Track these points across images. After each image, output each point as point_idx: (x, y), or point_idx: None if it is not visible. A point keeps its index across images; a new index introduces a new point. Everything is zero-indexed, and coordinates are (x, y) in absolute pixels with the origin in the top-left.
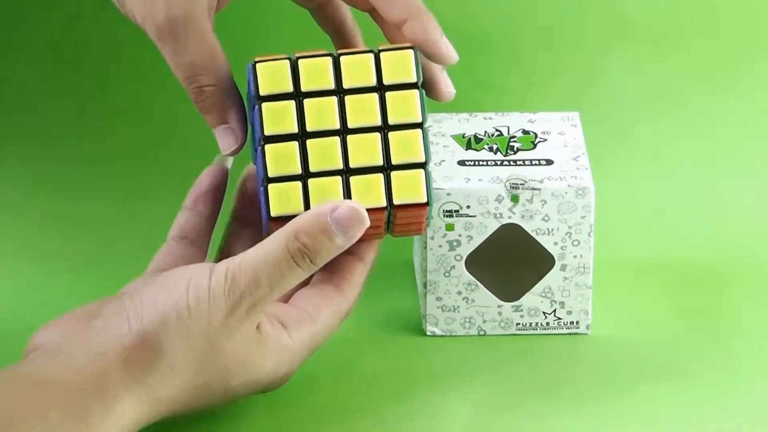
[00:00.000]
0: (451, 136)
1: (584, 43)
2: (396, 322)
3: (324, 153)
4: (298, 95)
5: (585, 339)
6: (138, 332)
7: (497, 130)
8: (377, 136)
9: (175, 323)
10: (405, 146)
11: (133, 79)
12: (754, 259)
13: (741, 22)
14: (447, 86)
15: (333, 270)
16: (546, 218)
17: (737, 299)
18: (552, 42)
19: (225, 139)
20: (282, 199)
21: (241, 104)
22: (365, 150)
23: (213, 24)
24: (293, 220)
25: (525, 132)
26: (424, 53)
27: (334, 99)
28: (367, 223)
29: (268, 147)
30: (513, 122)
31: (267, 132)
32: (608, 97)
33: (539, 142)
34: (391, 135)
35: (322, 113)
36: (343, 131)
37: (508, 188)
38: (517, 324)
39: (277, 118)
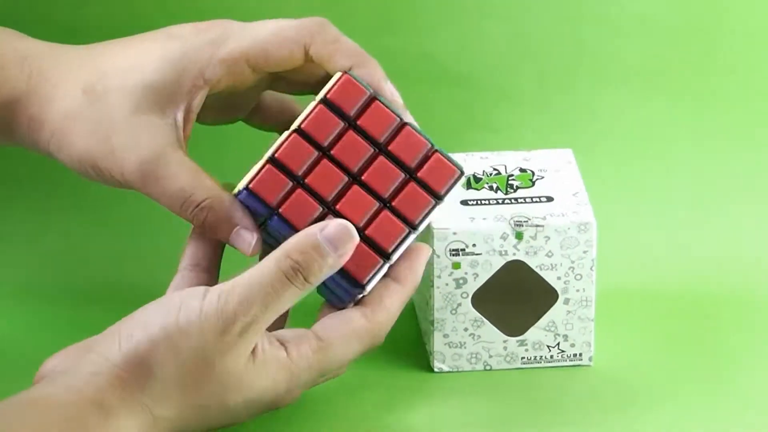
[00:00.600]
0: None
1: (575, 82)
2: (401, 359)
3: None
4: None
5: (588, 371)
6: (128, 351)
7: (495, 169)
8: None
9: (165, 342)
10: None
11: None
12: (753, 288)
13: (730, 59)
14: (393, 95)
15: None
16: (549, 254)
17: (738, 329)
18: (543, 80)
19: (243, 241)
20: None
21: (240, 204)
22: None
23: (186, 152)
24: (284, 243)
25: (522, 170)
26: None
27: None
28: (357, 240)
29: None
30: (509, 161)
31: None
32: (599, 134)
33: (537, 179)
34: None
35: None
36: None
37: (513, 226)
38: (522, 358)
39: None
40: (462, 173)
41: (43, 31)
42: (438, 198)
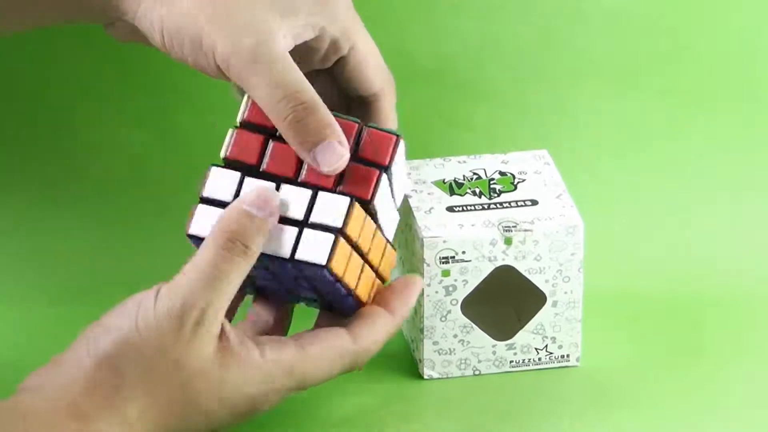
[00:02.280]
0: (432, 182)
1: (550, 79)
2: (389, 367)
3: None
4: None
5: (575, 371)
6: (95, 356)
7: (475, 173)
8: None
9: (128, 345)
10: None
11: (107, 118)
12: (740, 289)
13: (704, 54)
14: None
15: (356, 315)
16: (538, 258)
17: (724, 330)
18: (518, 78)
19: (334, 152)
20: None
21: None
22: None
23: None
24: (214, 223)
25: (502, 173)
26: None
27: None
28: (277, 194)
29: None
30: (487, 164)
31: None
32: (575, 131)
33: (519, 182)
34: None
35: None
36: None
37: (502, 231)
38: (511, 362)
39: None
40: (399, 136)
41: None
42: (386, 169)
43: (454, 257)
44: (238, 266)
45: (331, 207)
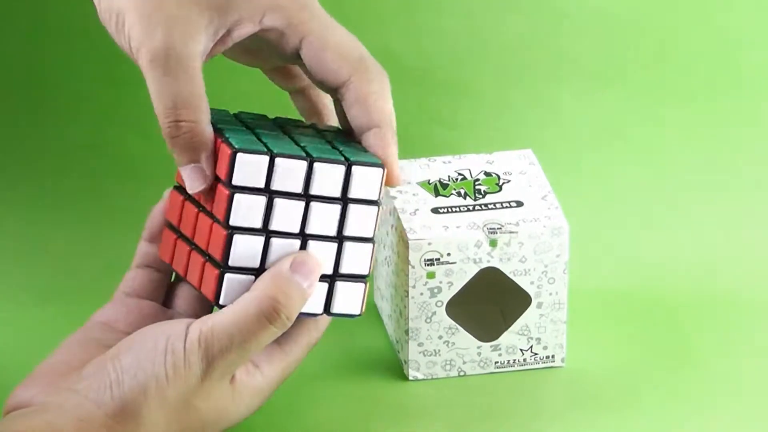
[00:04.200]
0: (417, 183)
1: (533, 77)
2: (373, 369)
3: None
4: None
5: (560, 372)
6: (119, 400)
7: (460, 174)
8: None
9: (154, 391)
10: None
11: (93, 117)
12: (726, 289)
13: (687, 53)
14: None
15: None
16: (523, 259)
17: (710, 330)
18: (501, 76)
19: (194, 178)
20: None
21: (213, 148)
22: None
23: (202, 69)
24: (257, 282)
25: (487, 174)
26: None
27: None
28: (322, 265)
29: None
30: (472, 165)
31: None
32: (559, 129)
33: (504, 183)
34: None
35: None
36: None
37: (487, 234)
38: (496, 362)
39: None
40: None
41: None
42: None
43: (439, 259)
44: (274, 335)
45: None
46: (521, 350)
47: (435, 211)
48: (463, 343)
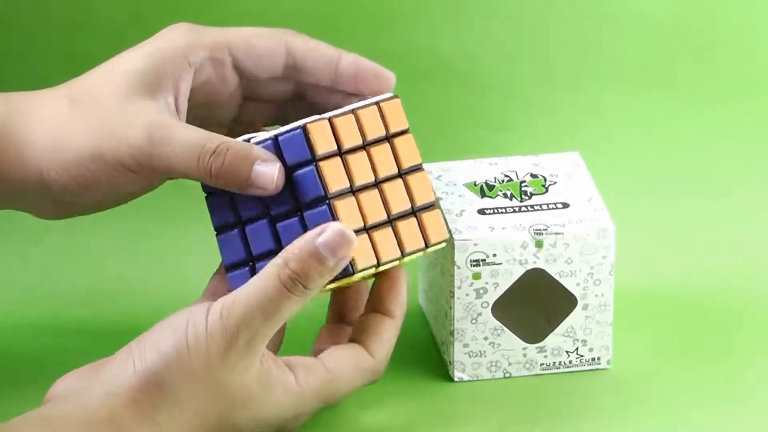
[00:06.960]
0: (463, 185)
1: (580, 80)
2: (419, 370)
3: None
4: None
5: (606, 374)
6: (143, 372)
7: (506, 176)
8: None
9: (177, 362)
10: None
11: None
12: None
13: (732, 55)
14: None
15: (362, 329)
16: (569, 261)
17: (756, 330)
18: (549, 79)
19: (266, 176)
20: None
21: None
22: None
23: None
24: (283, 251)
25: (534, 176)
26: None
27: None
28: (355, 243)
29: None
30: (519, 166)
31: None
32: (606, 133)
33: (550, 185)
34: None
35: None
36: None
37: (533, 235)
38: (542, 364)
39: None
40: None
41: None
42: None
43: (485, 260)
44: (295, 304)
45: None
46: (567, 352)
47: (481, 212)
48: (509, 345)
